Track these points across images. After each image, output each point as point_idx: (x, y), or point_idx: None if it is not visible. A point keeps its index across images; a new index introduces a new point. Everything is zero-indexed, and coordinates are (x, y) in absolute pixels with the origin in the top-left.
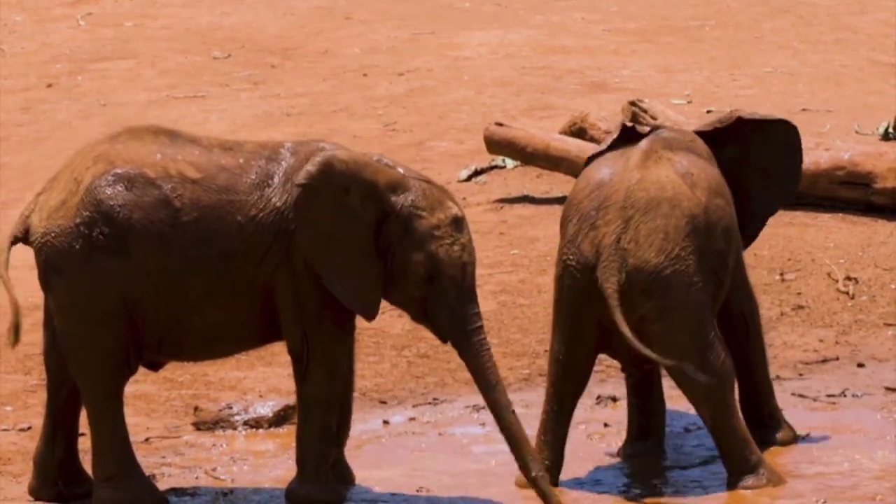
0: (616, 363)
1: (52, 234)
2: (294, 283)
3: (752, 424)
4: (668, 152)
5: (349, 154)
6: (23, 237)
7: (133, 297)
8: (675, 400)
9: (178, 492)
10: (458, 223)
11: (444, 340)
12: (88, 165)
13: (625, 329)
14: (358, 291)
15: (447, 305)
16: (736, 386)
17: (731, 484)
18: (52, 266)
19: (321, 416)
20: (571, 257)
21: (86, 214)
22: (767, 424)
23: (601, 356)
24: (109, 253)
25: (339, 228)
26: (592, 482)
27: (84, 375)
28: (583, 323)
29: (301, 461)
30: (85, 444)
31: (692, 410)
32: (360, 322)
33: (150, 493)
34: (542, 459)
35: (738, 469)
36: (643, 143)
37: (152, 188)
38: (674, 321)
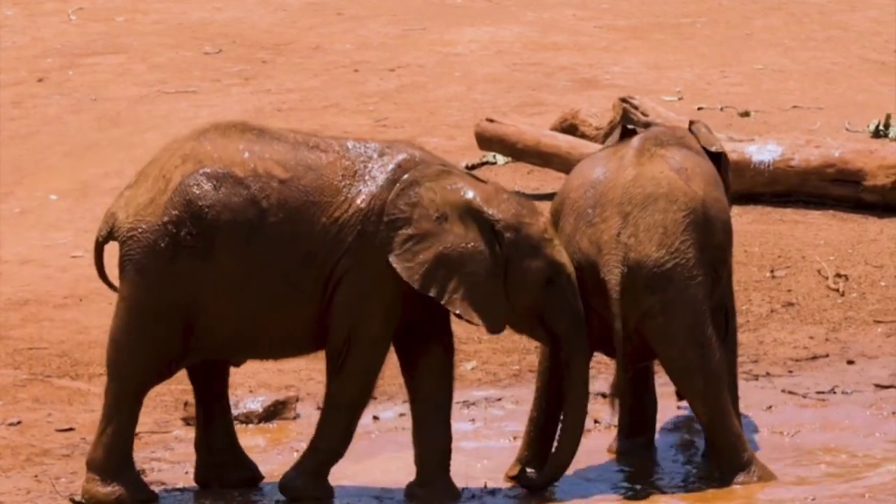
0: (606, 360)
1: (139, 231)
2: (360, 285)
3: None
4: (660, 149)
5: (433, 176)
6: (107, 235)
7: (202, 299)
8: (667, 397)
9: (167, 486)
10: (552, 227)
11: (554, 346)
12: (177, 164)
13: (618, 324)
14: (485, 307)
15: (568, 305)
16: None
17: (723, 481)
18: (133, 262)
19: (346, 418)
20: (570, 255)
21: (174, 213)
22: None
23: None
24: (193, 254)
25: (450, 255)
26: (582, 478)
27: (117, 367)
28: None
29: (305, 455)
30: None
31: (684, 406)
32: None
33: (142, 490)
34: (532, 455)
35: (729, 466)
36: (635, 141)
37: (241, 188)
38: (674, 316)
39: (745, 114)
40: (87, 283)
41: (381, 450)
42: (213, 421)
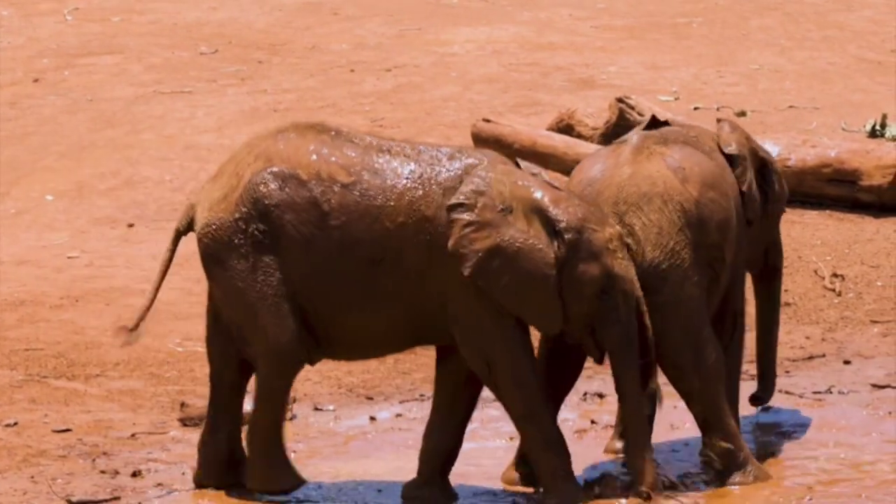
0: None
1: (214, 227)
2: (450, 299)
3: None
4: (660, 147)
5: (506, 171)
6: (186, 228)
7: (288, 293)
8: (666, 396)
9: (164, 487)
10: (622, 240)
11: (600, 359)
12: (250, 162)
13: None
14: (540, 306)
15: (618, 321)
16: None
17: (719, 481)
18: (213, 257)
19: (532, 431)
20: None
21: (244, 210)
22: None
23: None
24: (265, 249)
25: (507, 249)
26: (578, 479)
27: (260, 358)
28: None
29: (539, 478)
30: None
31: (680, 405)
32: None
33: (294, 478)
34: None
35: (725, 466)
36: (634, 139)
37: (303, 190)
38: (668, 315)
39: (742, 114)
40: (83, 284)
41: (378, 450)
42: (222, 425)
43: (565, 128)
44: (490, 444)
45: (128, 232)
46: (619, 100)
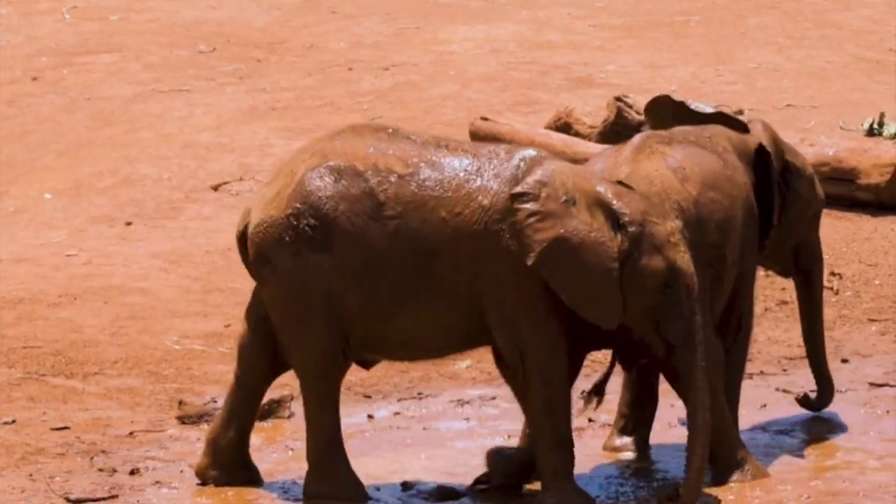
0: (601, 358)
1: (265, 225)
2: (498, 290)
3: None
4: (662, 146)
5: (566, 164)
6: (244, 230)
7: (337, 293)
8: (663, 394)
9: (162, 485)
10: (683, 233)
11: (665, 354)
12: (304, 159)
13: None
14: (595, 298)
15: (681, 315)
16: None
17: (717, 479)
18: (262, 257)
19: (546, 426)
20: None
21: (296, 206)
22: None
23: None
24: (315, 246)
25: (570, 240)
26: (576, 477)
27: (300, 365)
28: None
29: (540, 475)
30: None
31: (678, 404)
32: None
33: (351, 485)
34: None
35: (723, 465)
36: (636, 138)
37: (359, 180)
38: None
39: (740, 112)
40: (81, 282)
41: (376, 448)
42: (236, 422)
43: (563, 126)
44: (488, 442)
45: (126, 230)
46: (618, 98)
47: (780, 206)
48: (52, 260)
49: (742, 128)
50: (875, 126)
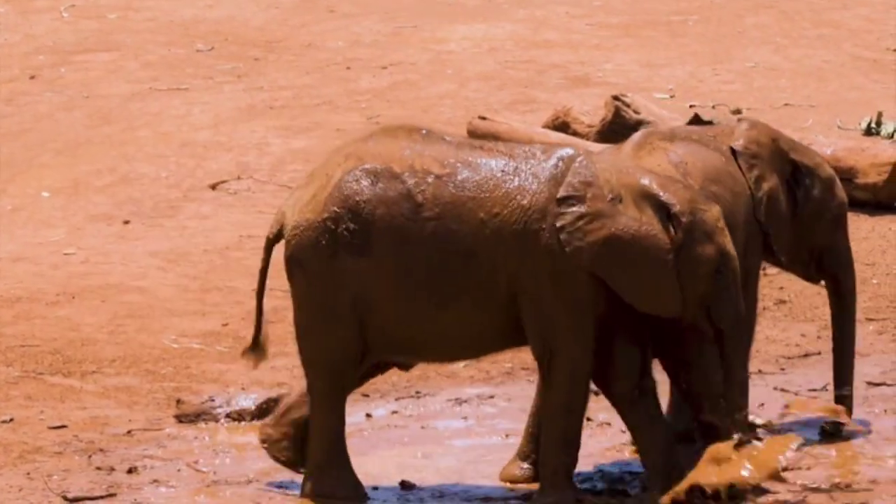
0: None
1: (301, 228)
2: (536, 288)
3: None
4: (664, 142)
5: (609, 161)
6: (276, 235)
7: (369, 297)
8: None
9: (159, 484)
10: (724, 218)
11: (718, 339)
12: (340, 162)
13: None
14: (654, 292)
15: (731, 299)
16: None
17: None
18: (296, 260)
19: (561, 424)
20: None
21: (333, 209)
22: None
23: None
24: (352, 250)
25: (622, 237)
26: (576, 475)
27: (310, 366)
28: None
29: (541, 471)
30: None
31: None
32: None
33: (350, 487)
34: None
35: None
36: (637, 135)
37: (397, 182)
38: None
39: (737, 111)
40: (79, 281)
41: (374, 447)
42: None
43: (561, 125)
44: (486, 441)
45: (124, 229)
46: (615, 97)
47: (792, 207)
48: (50, 258)
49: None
50: (873, 125)
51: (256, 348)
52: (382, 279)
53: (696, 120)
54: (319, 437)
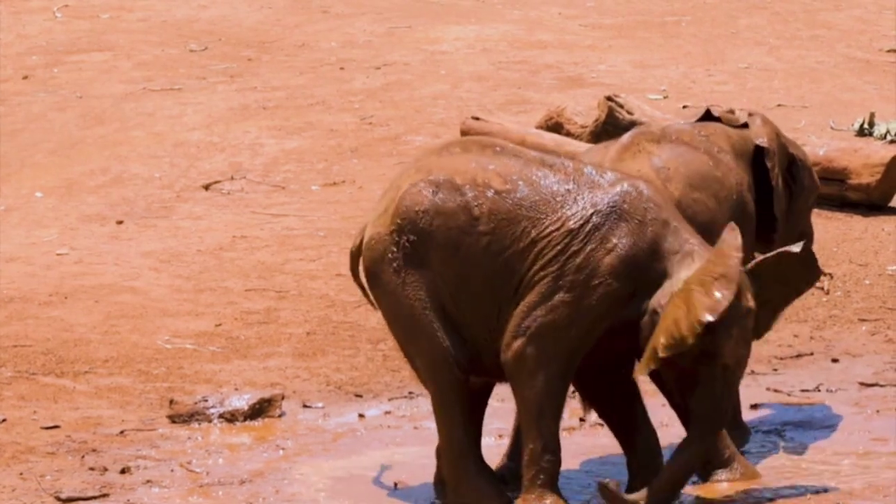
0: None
1: (373, 241)
2: (548, 298)
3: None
4: (651, 145)
5: (593, 160)
6: (359, 248)
7: (438, 307)
8: (652, 394)
9: (153, 484)
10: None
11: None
12: (411, 174)
13: None
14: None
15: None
16: None
17: (706, 478)
18: (371, 273)
19: (538, 432)
20: None
21: (398, 221)
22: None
23: None
24: (415, 262)
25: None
26: (565, 476)
27: (422, 378)
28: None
29: (523, 476)
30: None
31: (667, 406)
32: (335, 315)
33: (488, 497)
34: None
35: (712, 463)
36: (625, 137)
37: (456, 194)
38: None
39: (731, 112)
40: (72, 281)
41: (367, 447)
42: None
43: (554, 126)
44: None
45: (117, 229)
46: (609, 98)
47: (787, 199)
48: (43, 259)
49: (741, 125)
50: (865, 126)
51: None
52: (444, 291)
53: (707, 116)
54: (450, 451)
